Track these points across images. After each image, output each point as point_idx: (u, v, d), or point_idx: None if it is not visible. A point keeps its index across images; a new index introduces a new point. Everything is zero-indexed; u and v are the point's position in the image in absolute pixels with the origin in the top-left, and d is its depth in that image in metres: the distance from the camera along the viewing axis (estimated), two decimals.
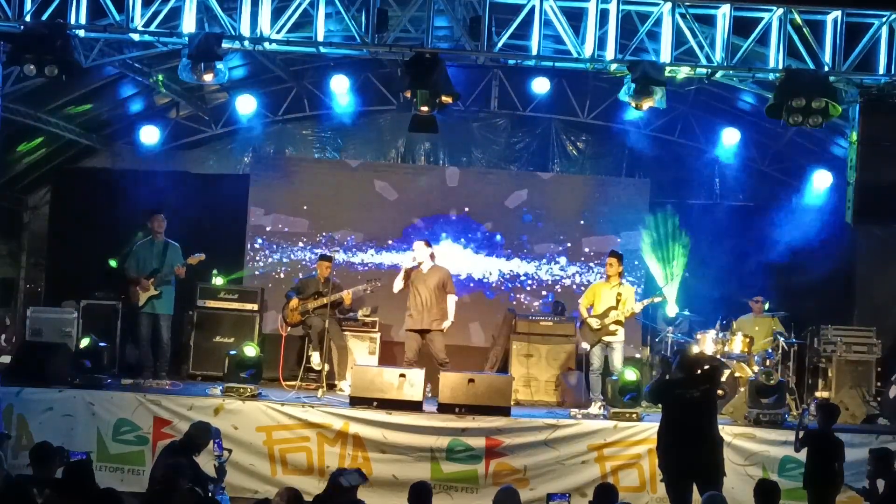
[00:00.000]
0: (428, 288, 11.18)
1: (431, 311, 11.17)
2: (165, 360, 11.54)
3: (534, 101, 13.69)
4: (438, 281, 11.23)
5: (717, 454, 8.11)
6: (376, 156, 14.29)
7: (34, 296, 14.17)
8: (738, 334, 11.65)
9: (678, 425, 8.08)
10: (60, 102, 12.37)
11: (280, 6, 9.72)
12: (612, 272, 11.12)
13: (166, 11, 9.63)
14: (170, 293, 11.48)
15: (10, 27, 9.55)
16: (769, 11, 9.54)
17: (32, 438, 9.61)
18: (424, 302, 11.16)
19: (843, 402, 11.14)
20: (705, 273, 13.15)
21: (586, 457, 10.01)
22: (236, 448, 9.39)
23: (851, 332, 12.09)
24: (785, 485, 8.63)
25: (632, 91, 9.52)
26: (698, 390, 8.07)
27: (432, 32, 9.72)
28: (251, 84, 13.59)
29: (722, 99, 13.03)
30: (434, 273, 11.29)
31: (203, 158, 14.39)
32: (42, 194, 14.43)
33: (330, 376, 11.26)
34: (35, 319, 12.15)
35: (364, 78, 13.60)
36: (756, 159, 13.79)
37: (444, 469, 9.96)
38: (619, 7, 9.54)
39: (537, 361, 12.19)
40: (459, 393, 10.25)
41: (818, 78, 9.46)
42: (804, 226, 12.82)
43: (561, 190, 13.95)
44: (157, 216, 11.57)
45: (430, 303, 11.16)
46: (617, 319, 10.91)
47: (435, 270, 11.32)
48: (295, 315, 11.70)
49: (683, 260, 13.17)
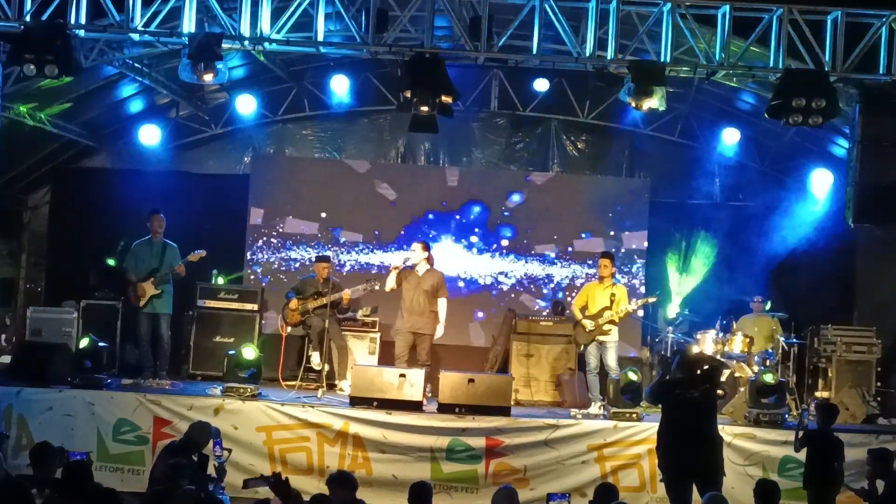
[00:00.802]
0: (421, 290, 11.15)
1: (423, 314, 11.14)
2: (165, 360, 11.53)
3: (534, 101, 13.69)
4: (432, 285, 11.20)
5: (717, 454, 8.10)
6: (376, 156, 14.28)
7: (34, 296, 14.17)
8: (738, 334, 11.65)
9: (678, 425, 8.08)
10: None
11: (280, 6, 9.72)
12: (605, 273, 11.11)
13: (166, 11, 9.63)
14: (169, 292, 11.48)
15: (10, 27, 9.56)
16: (769, 11, 9.54)
17: (32, 438, 9.60)
18: (416, 304, 11.14)
19: (843, 402, 11.14)
20: (705, 273, 13.15)
21: (586, 457, 10.01)
22: (236, 448, 9.39)
23: (851, 332, 12.09)
24: (785, 485, 8.63)
25: (632, 91, 9.52)
26: (698, 390, 8.07)
27: (432, 32, 9.73)
28: (251, 84, 13.59)
29: (722, 99, 13.03)
30: (429, 276, 11.26)
31: (203, 158, 14.39)
32: (42, 194, 14.43)
33: (330, 376, 11.25)
34: (35, 319, 12.15)
35: (364, 78, 13.60)
36: (756, 159, 13.78)
37: (444, 469, 9.96)
38: (619, 7, 9.55)
39: (537, 361, 12.20)
40: (459, 393, 10.25)
41: (818, 78, 9.46)
42: (804, 226, 12.82)
43: (561, 190, 13.94)
44: (157, 216, 11.56)
45: (422, 306, 11.14)
46: (611, 319, 10.91)
47: (430, 274, 11.29)
48: (295, 315, 11.70)
49: (705, 269, 13.18)
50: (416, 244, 11.49)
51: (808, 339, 12.34)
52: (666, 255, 13.50)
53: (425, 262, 11.32)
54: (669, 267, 13.49)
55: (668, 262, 13.50)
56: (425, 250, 11.35)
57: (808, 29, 9.51)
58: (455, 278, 13.77)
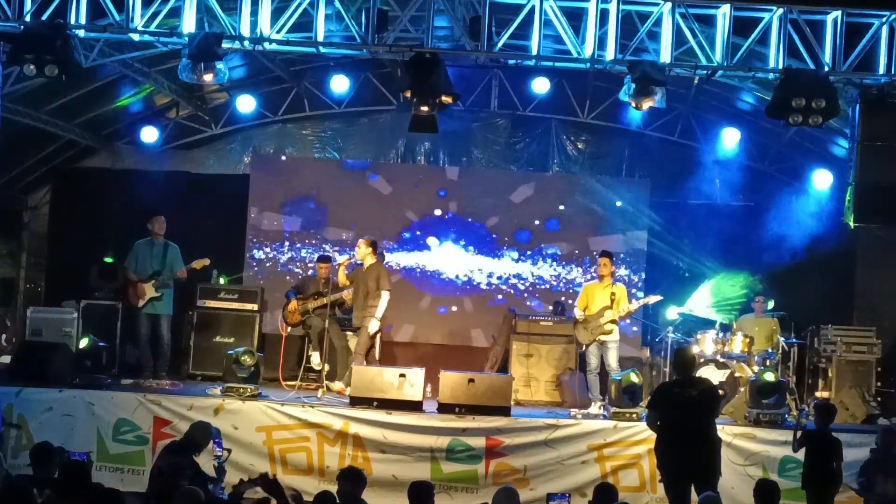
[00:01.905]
0: (365, 285, 11.11)
1: (363, 308, 11.06)
2: (165, 360, 11.52)
3: (534, 101, 13.69)
4: (373, 279, 11.08)
5: (715, 454, 8.10)
6: (376, 156, 14.28)
7: (34, 296, 14.18)
8: (738, 334, 11.64)
9: (677, 425, 8.07)
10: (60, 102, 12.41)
11: (280, 6, 9.72)
12: (604, 272, 11.09)
13: (166, 11, 9.63)
14: (169, 293, 11.47)
15: (10, 27, 9.56)
16: (769, 11, 9.54)
17: (32, 438, 9.60)
18: (359, 300, 11.11)
19: (843, 402, 11.14)
20: (705, 273, 13.14)
21: (586, 457, 10.00)
22: (236, 448, 9.39)
23: (851, 332, 12.07)
24: (785, 485, 8.62)
25: (632, 91, 9.52)
26: (696, 389, 8.06)
27: (432, 32, 9.72)
28: (251, 84, 13.60)
29: (722, 99, 13.03)
30: (371, 270, 11.16)
31: (203, 158, 14.40)
32: (42, 194, 14.45)
33: (330, 376, 11.25)
34: (35, 319, 12.14)
35: (364, 78, 13.61)
36: (756, 159, 13.78)
37: (444, 469, 9.94)
38: (619, 7, 9.55)
39: (537, 361, 12.19)
40: (459, 393, 10.24)
41: (818, 78, 9.46)
42: (804, 226, 12.82)
43: (561, 190, 13.94)
44: (158, 217, 11.54)
45: (362, 301, 11.07)
46: (612, 318, 10.90)
47: (372, 268, 11.18)
48: (295, 315, 11.69)
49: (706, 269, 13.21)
50: (361, 241, 11.37)
51: (808, 339, 12.33)
52: (666, 256, 13.49)
53: (371, 257, 11.24)
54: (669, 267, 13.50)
55: (667, 262, 13.51)
56: (369, 246, 11.22)
57: (807, 29, 9.51)
58: (454, 279, 13.78)
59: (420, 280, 13.84)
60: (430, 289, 13.83)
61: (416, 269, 13.84)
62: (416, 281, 13.82)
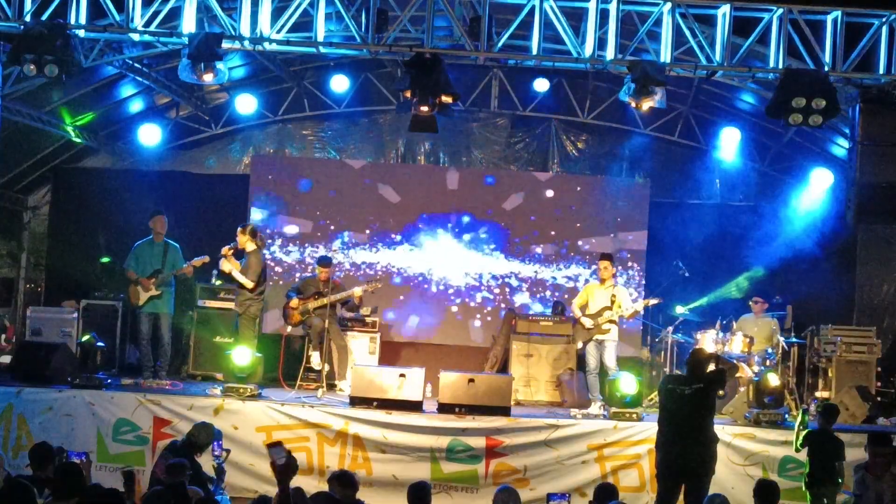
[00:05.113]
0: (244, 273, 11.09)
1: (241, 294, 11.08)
2: (165, 360, 11.52)
3: (534, 101, 13.70)
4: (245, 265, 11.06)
5: (707, 452, 8.04)
6: (376, 156, 14.29)
7: (34, 296, 14.19)
8: (738, 334, 11.64)
9: (669, 420, 8.11)
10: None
11: (280, 6, 9.73)
12: (605, 275, 11.08)
13: (166, 11, 9.64)
14: (170, 293, 11.47)
15: (10, 27, 9.57)
16: (769, 11, 9.55)
17: (32, 438, 9.60)
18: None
19: (843, 402, 11.13)
20: (706, 273, 13.14)
21: (586, 457, 10.00)
22: (236, 448, 9.39)
23: (851, 332, 12.07)
24: (785, 485, 8.65)
25: (632, 91, 9.52)
26: (690, 388, 8.05)
27: (432, 32, 9.72)
28: (251, 84, 13.60)
29: (722, 99, 13.03)
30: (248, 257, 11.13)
31: (203, 158, 14.41)
32: (42, 194, 14.45)
33: (330, 376, 11.25)
34: (35, 319, 12.16)
35: (364, 78, 13.61)
36: (756, 159, 13.79)
37: (444, 469, 9.95)
38: (619, 7, 9.56)
39: (537, 361, 12.20)
40: (459, 393, 10.25)
41: (818, 78, 9.46)
42: (804, 226, 12.82)
43: (561, 190, 13.94)
44: (160, 217, 11.53)
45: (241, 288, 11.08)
46: (611, 319, 10.90)
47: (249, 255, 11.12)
48: (295, 315, 11.68)
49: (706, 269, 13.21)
50: (239, 228, 11.27)
51: (808, 339, 12.34)
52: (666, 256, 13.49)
53: (252, 244, 11.13)
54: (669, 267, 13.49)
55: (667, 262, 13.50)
56: (244, 234, 11.15)
57: (807, 29, 9.51)
58: (454, 279, 13.77)
59: (420, 280, 13.84)
60: (429, 289, 13.83)
61: (416, 268, 13.82)
62: (416, 281, 13.82)
